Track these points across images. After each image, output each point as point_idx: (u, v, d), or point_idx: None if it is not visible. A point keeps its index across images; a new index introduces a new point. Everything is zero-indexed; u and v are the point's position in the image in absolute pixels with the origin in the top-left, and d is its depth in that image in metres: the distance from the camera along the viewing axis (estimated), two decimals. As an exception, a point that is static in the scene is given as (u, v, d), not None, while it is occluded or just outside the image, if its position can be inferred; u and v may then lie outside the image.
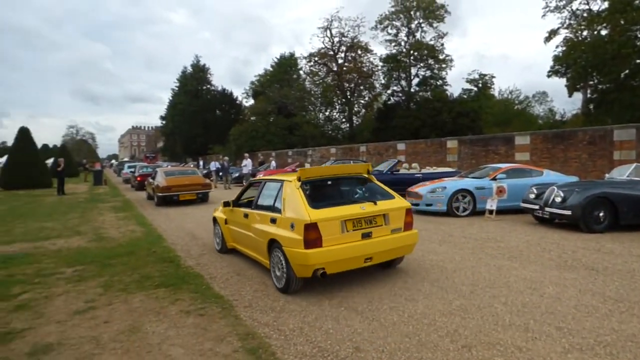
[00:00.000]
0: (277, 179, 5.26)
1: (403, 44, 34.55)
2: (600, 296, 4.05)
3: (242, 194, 6.27)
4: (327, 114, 41.09)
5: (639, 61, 21.61)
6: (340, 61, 37.61)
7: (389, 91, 36.68)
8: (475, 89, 33.73)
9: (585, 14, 26.34)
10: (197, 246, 7.16)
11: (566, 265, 5.15)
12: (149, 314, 4.03)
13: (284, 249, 4.41)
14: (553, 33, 28.30)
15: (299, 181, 4.67)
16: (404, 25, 34.20)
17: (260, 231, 5.04)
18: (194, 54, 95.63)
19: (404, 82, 35.51)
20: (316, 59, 38.17)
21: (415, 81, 35.28)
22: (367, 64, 37.40)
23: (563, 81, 28.20)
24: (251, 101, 47.72)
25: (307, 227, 4.16)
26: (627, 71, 22.26)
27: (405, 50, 34.30)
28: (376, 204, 4.67)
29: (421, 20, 33.85)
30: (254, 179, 6.85)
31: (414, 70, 34.98)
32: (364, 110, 40.32)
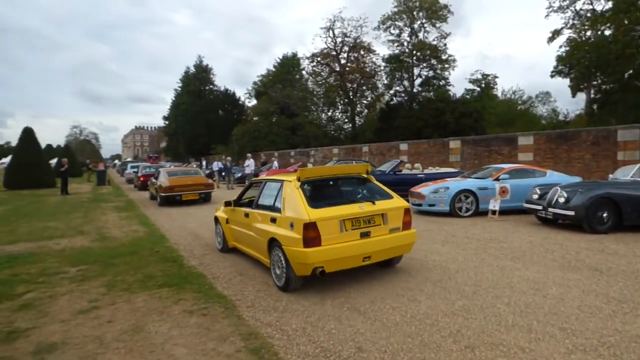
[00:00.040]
0: (277, 179, 5.31)
1: (406, 44, 34.48)
2: (604, 297, 4.04)
3: (243, 194, 6.30)
4: (329, 114, 41.07)
5: (643, 61, 21.53)
6: (343, 61, 37.58)
7: (392, 91, 36.63)
8: (478, 89, 33.59)
9: (589, 14, 26.21)
10: (199, 246, 7.18)
11: (570, 266, 5.14)
12: (152, 313, 4.05)
13: (283, 247, 4.44)
14: (556, 33, 28.18)
15: (299, 181, 4.72)
16: (407, 26, 34.11)
17: (260, 230, 5.07)
18: (196, 54, 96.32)
19: (406, 83, 35.45)
20: (319, 59, 38.13)
21: (418, 81, 35.23)
22: (370, 64, 37.38)
23: (566, 81, 28.16)
24: (254, 101, 47.82)
25: (306, 227, 4.20)
26: (631, 71, 22.16)
27: (408, 51, 34.21)
28: (375, 203, 4.71)
29: (424, 21, 33.74)
30: (255, 178, 6.88)
31: (416, 71, 34.90)
32: (366, 111, 40.30)
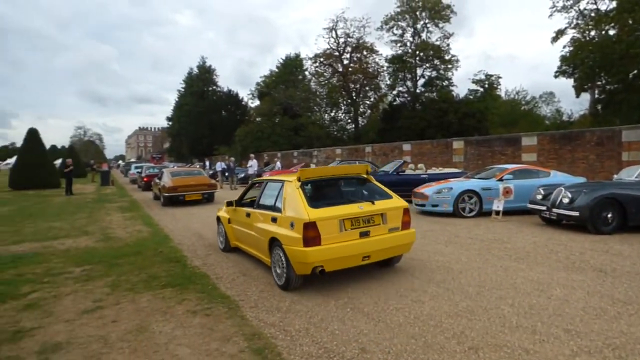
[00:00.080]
0: (278, 179, 5.36)
1: (409, 44, 34.49)
2: (609, 298, 4.02)
3: (244, 194, 6.36)
4: (332, 114, 41.13)
5: (647, 61, 21.41)
6: (346, 62, 37.62)
7: (395, 92, 36.65)
8: (482, 89, 33.56)
9: (593, 14, 26.13)
10: (203, 246, 7.20)
11: (574, 267, 5.11)
12: (156, 313, 4.06)
13: (284, 247, 4.48)
14: (560, 33, 28.11)
15: (299, 181, 4.77)
16: (410, 26, 34.13)
17: (261, 230, 5.12)
18: (199, 55, 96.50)
19: (409, 83, 35.45)
20: (321, 59, 38.18)
21: (421, 82, 35.25)
22: (373, 65, 37.40)
23: (570, 82, 28.09)
24: (257, 102, 47.93)
25: (306, 226, 4.24)
26: (635, 71, 22.07)
27: (410, 51, 34.21)
28: (374, 203, 4.75)
29: (427, 21, 33.75)
30: (256, 179, 6.93)
31: (419, 71, 34.93)
32: (369, 111, 40.30)
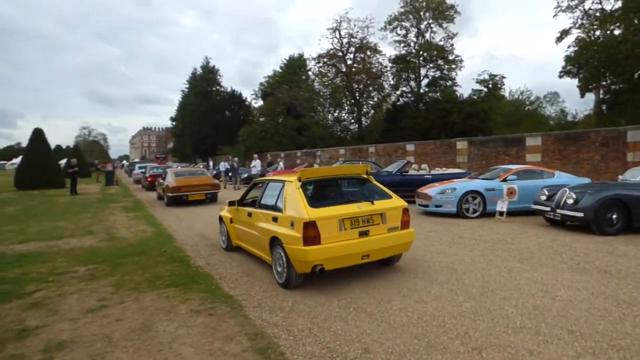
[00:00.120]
0: (279, 179, 5.43)
1: (412, 44, 34.36)
2: (614, 299, 4.00)
3: (246, 194, 6.42)
4: (336, 114, 41.04)
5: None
6: (349, 62, 37.54)
7: (398, 92, 36.51)
8: (486, 89, 33.36)
9: (597, 14, 25.98)
10: (206, 246, 7.22)
11: (578, 268, 5.09)
12: (159, 313, 4.08)
13: (284, 246, 4.53)
14: (565, 33, 27.97)
15: (300, 181, 4.84)
16: (413, 26, 34.01)
17: (262, 229, 5.19)
18: (203, 55, 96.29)
19: (413, 83, 35.33)
20: (325, 60, 38.12)
21: (425, 82, 35.08)
22: (376, 65, 37.27)
23: (575, 82, 27.94)
24: (260, 102, 47.97)
25: (306, 225, 4.30)
26: (640, 71, 21.93)
27: (414, 51, 34.10)
28: (373, 203, 4.80)
29: (431, 21, 33.61)
30: (258, 179, 6.98)
31: (423, 71, 34.78)
32: (373, 111, 40.18)
